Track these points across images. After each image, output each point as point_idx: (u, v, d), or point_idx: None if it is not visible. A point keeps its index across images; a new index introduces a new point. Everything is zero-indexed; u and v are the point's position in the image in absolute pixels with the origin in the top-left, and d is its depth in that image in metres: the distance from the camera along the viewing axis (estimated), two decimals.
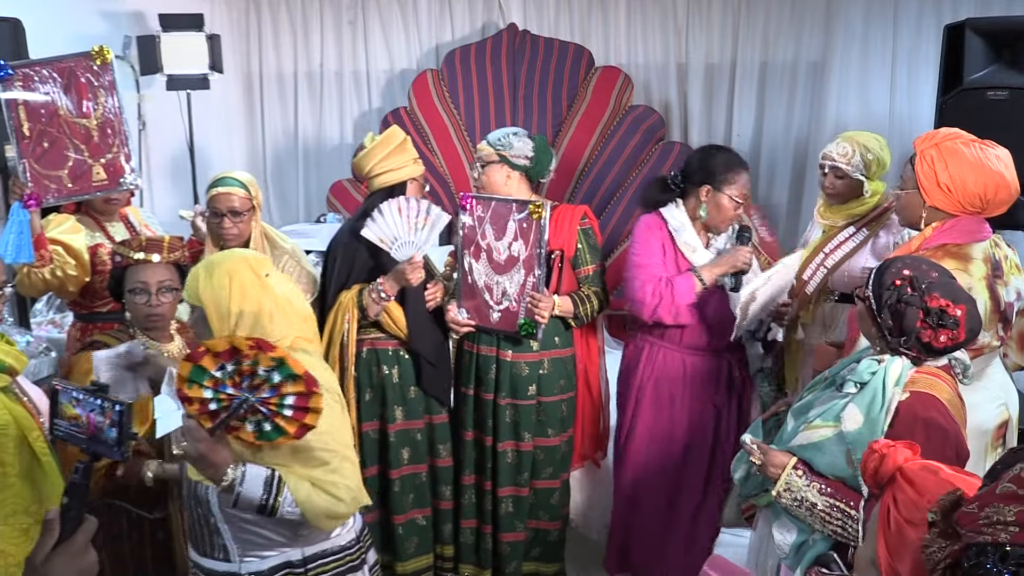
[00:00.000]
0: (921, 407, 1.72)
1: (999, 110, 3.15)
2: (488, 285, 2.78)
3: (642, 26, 4.99)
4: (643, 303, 2.64)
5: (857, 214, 2.93)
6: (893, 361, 1.77)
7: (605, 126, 4.79)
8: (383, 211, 2.57)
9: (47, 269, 2.58)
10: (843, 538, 1.74)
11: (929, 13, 4.56)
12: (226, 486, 1.60)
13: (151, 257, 2.18)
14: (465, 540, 2.97)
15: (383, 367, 2.76)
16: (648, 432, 2.77)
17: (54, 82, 2.50)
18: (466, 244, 2.79)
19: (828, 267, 2.92)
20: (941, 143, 2.23)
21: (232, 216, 2.65)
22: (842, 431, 1.76)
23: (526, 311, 2.72)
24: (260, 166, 5.28)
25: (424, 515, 2.89)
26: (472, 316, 2.82)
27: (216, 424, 1.58)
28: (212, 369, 1.56)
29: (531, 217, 2.66)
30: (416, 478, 2.85)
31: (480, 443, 2.91)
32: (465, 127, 4.87)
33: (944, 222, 2.25)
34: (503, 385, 2.82)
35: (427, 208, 2.59)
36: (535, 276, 2.69)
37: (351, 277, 2.70)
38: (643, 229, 2.73)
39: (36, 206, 2.49)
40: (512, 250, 2.72)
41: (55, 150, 2.51)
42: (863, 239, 2.91)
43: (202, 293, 1.73)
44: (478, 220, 2.76)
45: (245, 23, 5.17)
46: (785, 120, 4.93)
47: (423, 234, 2.59)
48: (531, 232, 2.67)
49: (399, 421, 2.80)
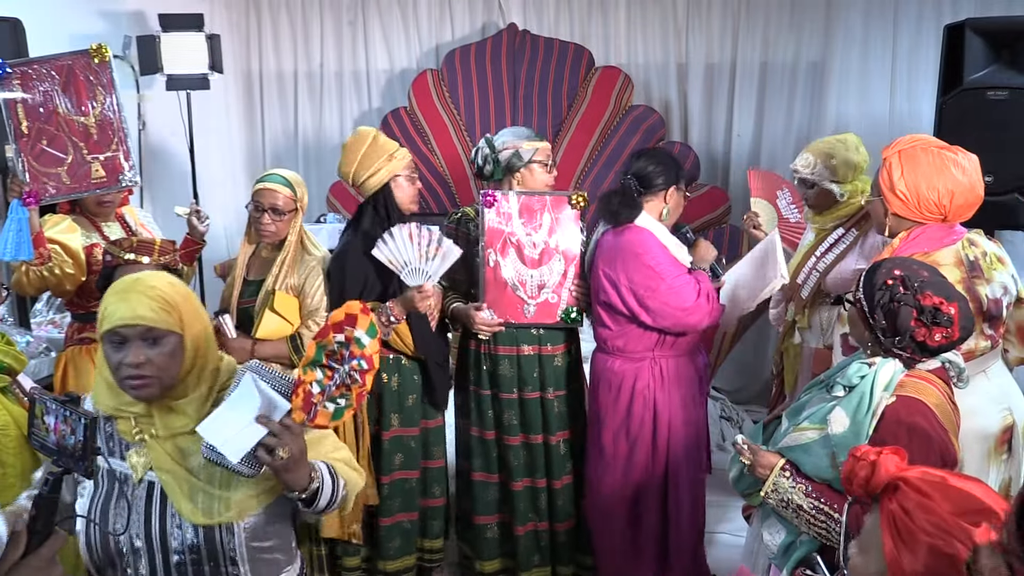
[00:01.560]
0: (906, 412, 1.72)
1: (999, 110, 3.15)
2: (521, 280, 2.79)
3: (642, 26, 4.99)
4: (700, 310, 2.62)
5: (843, 215, 2.94)
6: (884, 364, 1.76)
7: (605, 126, 4.79)
8: (394, 235, 2.58)
9: (45, 267, 2.58)
10: (827, 540, 1.74)
11: (929, 13, 4.55)
12: (314, 488, 1.44)
13: (141, 259, 2.19)
14: (527, 543, 2.95)
15: (383, 375, 2.76)
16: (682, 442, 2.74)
17: (52, 80, 2.50)
18: (491, 241, 2.78)
19: (820, 270, 2.92)
20: (904, 150, 2.25)
21: (273, 213, 2.65)
22: (828, 434, 1.76)
23: (569, 300, 2.80)
24: (260, 166, 5.27)
25: (410, 519, 2.89)
26: (500, 314, 2.80)
27: (313, 408, 1.42)
28: (331, 344, 1.44)
29: (573, 209, 2.79)
30: (406, 483, 2.85)
31: (483, 439, 2.92)
32: (465, 127, 4.87)
33: (911, 231, 2.24)
34: (548, 380, 2.86)
35: (439, 239, 2.60)
36: (578, 265, 2.80)
37: (363, 295, 2.67)
38: (650, 244, 2.66)
39: (35, 204, 2.49)
40: (550, 242, 2.79)
41: (54, 148, 2.51)
42: (852, 240, 2.91)
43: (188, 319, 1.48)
44: (505, 216, 2.77)
45: (245, 23, 5.17)
46: (785, 120, 4.93)
47: (434, 264, 2.60)
48: (570, 222, 2.78)
49: (394, 427, 2.80)
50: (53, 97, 2.50)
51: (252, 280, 2.74)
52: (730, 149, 4.95)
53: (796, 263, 3.02)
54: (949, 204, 2.21)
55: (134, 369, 1.40)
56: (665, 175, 2.70)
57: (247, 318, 2.70)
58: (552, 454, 2.89)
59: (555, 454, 2.89)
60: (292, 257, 2.70)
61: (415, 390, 2.82)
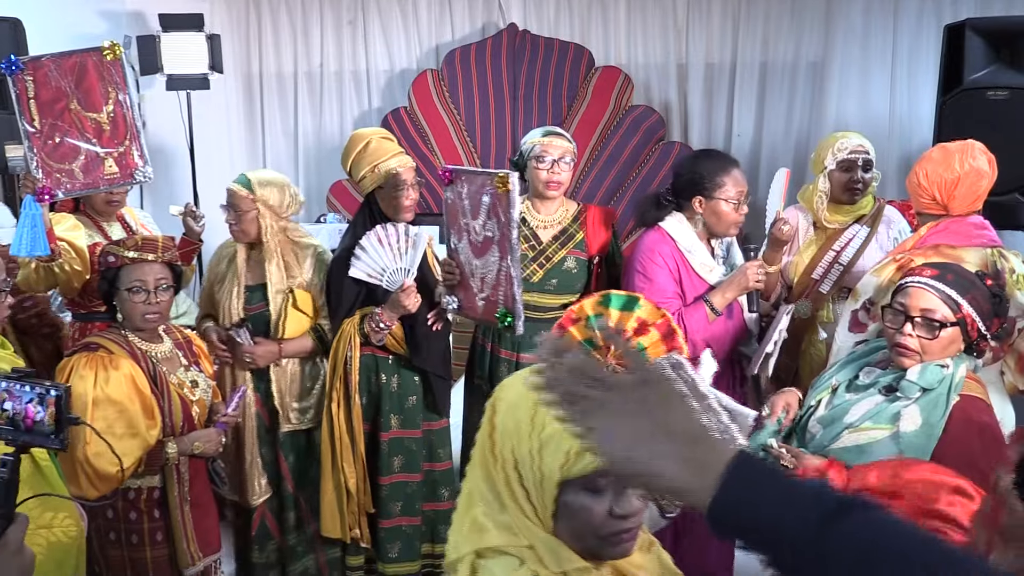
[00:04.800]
0: (974, 411, 1.71)
1: (999, 110, 3.15)
2: (471, 270, 2.51)
3: (642, 26, 4.99)
4: None
5: (864, 211, 2.92)
6: (959, 365, 1.75)
7: (605, 126, 4.79)
8: (364, 247, 2.55)
9: (56, 264, 2.59)
10: None
11: (929, 13, 4.56)
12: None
13: (146, 256, 2.18)
14: None
15: (381, 375, 2.74)
16: None
17: (65, 76, 2.50)
18: (451, 222, 2.54)
19: (843, 264, 2.90)
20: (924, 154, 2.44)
21: (233, 212, 2.66)
22: (898, 431, 1.72)
23: (503, 300, 2.43)
24: (260, 166, 5.27)
25: (410, 523, 2.84)
26: (463, 306, 2.59)
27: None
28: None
29: (497, 191, 2.33)
30: (407, 486, 2.81)
31: None
32: (465, 127, 4.87)
33: (937, 223, 2.31)
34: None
35: (405, 230, 2.57)
36: (509, 261, 2.36)
37: (357, 298, 2.66)
38: (649, 254, 2.48)
39: (50, 199, 2.49)
40: (487, 230, 2.41)
41: (66, 144, 2.51)
42: (868, 235, 2.90)
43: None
44: (458, 195, 2.46)
45: (245, 23, 5.17)
46: (785, 120, 4.93)
47: (408, 258, 2.57)
48: (500, 209, 2.33)
49: (394, 429, 2.77)
50: (66, 93, 2.51)
51: (252, 286, 2.73)
52: (730, 149, 4.95)
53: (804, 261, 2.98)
54: (948, 194, 2.33)
55: (627, 522, 1.00)
56: (687, 187, 2.50)
57: (262, 322, 2.70)
58: None
59: None
60: (285, 255, 2.70)
61: (415, 391, 2.81)
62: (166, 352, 2.25)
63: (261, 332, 2.69)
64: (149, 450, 2.12)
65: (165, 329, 2.30)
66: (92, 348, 2.14)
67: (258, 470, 2.72)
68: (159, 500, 2.23)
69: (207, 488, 2.34)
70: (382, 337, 2.63)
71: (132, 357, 2.15)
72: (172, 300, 2.26)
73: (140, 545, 2.21)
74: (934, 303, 1.75)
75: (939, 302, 1.75)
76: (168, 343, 2.28)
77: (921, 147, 4.42)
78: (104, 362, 2.10)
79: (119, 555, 2.21)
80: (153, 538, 2.22)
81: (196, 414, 2.24)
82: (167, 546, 2.24)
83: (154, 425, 2.13)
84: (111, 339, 2.18)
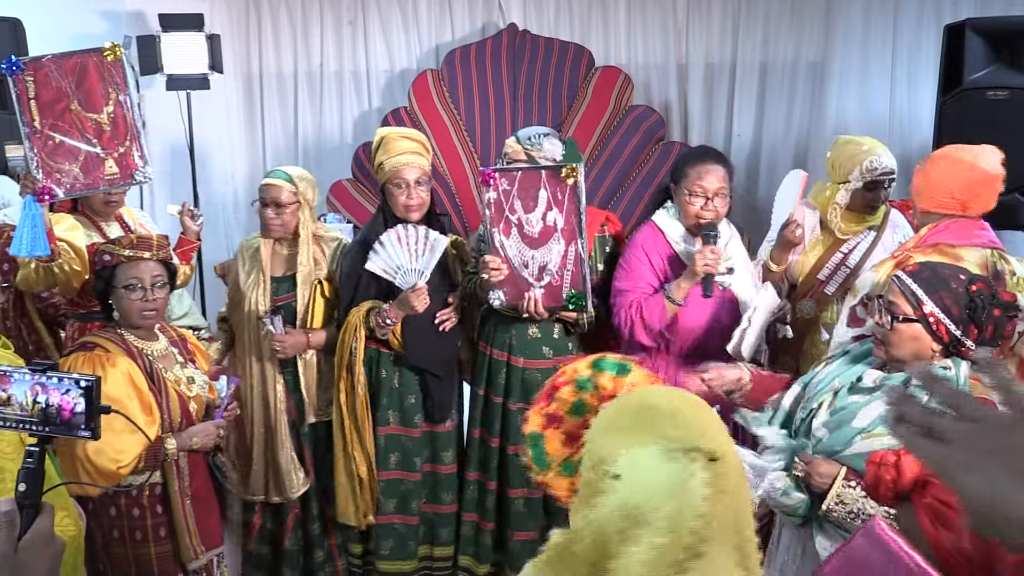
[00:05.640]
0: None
1: (999, 110, 3.16)
2: (524, 262, 2.65)
3: (642, 26, 4.99)
4: (620, 328, 2.61)
5: (878, 219, 2.92)
6: (960, 365, 1.74)
7: (605, 126, 4.79)
8: (384, 243, 2.60)
9: (55, 264, 2.59)
10: None
11: (929, 13, 4.56)
12: None
13: (142, 254, 2.19)
14: (465, 533, 2.95)
15: (382, 370, 2.77)
16: None
17: (66, 77, 2.51)
18: (494, 222, 2.63)
19: (851, 266, 2.91)
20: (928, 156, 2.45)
21: (275, 207, 2.72)
22: None
23: (571, 282, 2.61)
24: (260, 166, 5.27)
25: (405, 522, 2.86)
26: (510, 298, 2.67)
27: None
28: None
29: (564, 182, 2.51)
30: (402, 484, 2.83)
31: (486, 443, 2.88)
32: (465, 127, 4.87)
33: (938, 223, 2.32)
34: (514, 390, 2.78)
35: (425, 233, 2.61)
36: (577, 245, 2.57)
37: (356, 291, 2.71)
38: (633, 248, 2.63)
39: (50, 199, 2.49)
40: (547, 220, 2.59)
41: (67, 144, 2.52)
42: (875, 239, 2.91)
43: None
44: (504, 194, 2.61)
45: (245, 23, 5.17)
46: (785, 120, 4.93)
47: (424, 260, 2.61)
48: (566, 199, 2.54)
49: (391, 425, 2.79)
50: (67, 94, 2.51)
51: (280, 277, 2.79)
52: (730, 149, 4.95)
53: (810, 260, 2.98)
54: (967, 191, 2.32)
55: None
56: (671, 174, 2.64)
57: (288, 313, 2.77)
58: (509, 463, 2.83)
59: (512, 464, 2.82)
60: (315, 248, 2.78)
61: (415, 391, 2.81)
62: (162, 350, 2.26)
63: (287, 323, 2.76)
64: (148, 446, 2.12)
65: (160, 327, 2.32)
66: (89, 347, 2.15)
67: (294, 464, 2.79)
68: (161, 496, 2.23)
69: (208, 483, 2.36)
70: (386, 332, 2.68)
71: (129, 355, 2.16)
72: (168, 297, 2.28)
73: (144, 541, 2.22)
74: (897, 297, 1.78)
75: (902, 297, 1.76)
76: (164, 341, 2.29)
77: (921, 147, 4.42)
78: (101, 360, 2.11)
79: (123, 552, 2.21)
80: (156, 534, 2.23)
81: (194, 410, 2.25)
82: (171, 541, 2.25)
83: (152, 422, 2.14)
84: (108, 338, 2.19)
